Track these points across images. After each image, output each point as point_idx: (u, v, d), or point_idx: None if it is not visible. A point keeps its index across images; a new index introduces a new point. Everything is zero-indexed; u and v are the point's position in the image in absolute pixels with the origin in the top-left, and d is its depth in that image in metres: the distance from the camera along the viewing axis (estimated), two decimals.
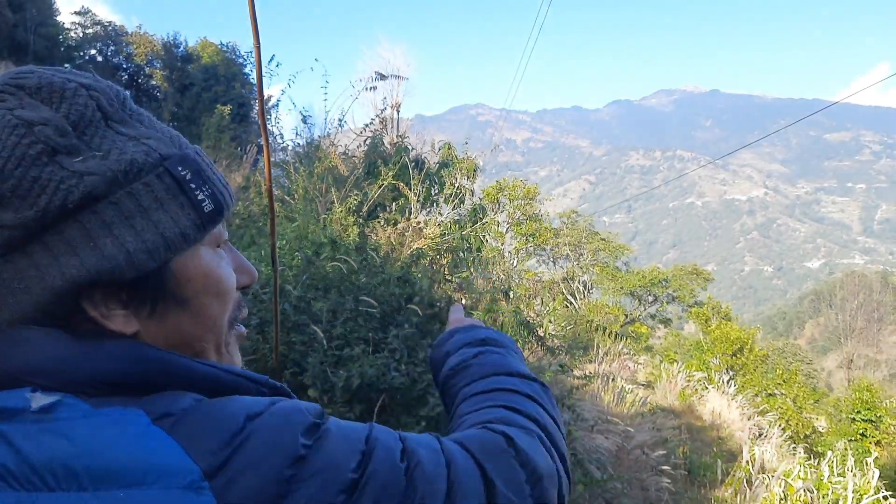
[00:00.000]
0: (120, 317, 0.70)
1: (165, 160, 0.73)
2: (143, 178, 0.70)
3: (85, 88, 0.71)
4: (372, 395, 3.55)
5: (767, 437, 15.13)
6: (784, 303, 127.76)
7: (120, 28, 38.74)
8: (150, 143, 0.73)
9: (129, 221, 0.69)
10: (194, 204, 0.74)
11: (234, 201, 0.81)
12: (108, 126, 0.71)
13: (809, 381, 29.44)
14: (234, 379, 0.73)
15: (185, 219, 0.73)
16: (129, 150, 0.70)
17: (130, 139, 0.71)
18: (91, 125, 0.69)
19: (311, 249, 4.61)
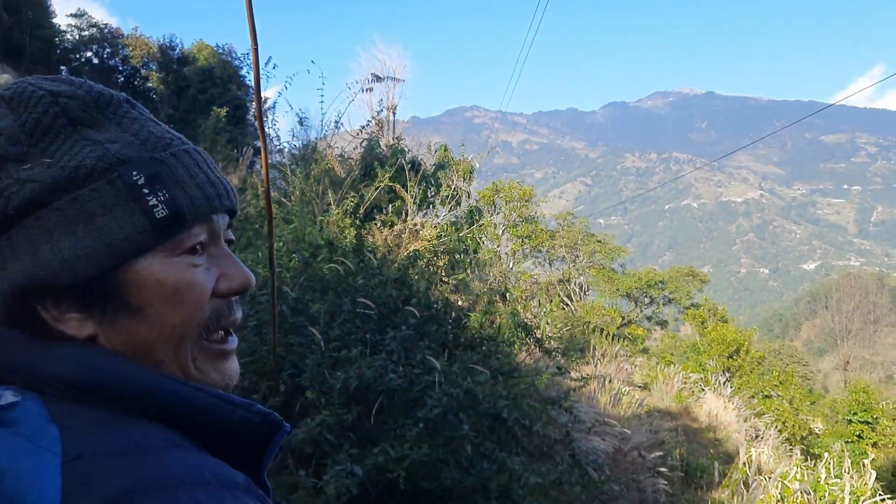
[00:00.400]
0: (73, 321, 0.70)
1: (123, 164, 0.71)
2: (91, 183, 0.70)
3: (53, 95, 0.72)
4: (369, 396, 3.55)
5: (764, 438, 15.15)
6: (780, 304, 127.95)
7: (116, 30, 38.64)
8: (111, 148, 0.72)
9: (71, 227, 0.69)
10: (145, 210, 0.71)
11: (222, 204, 0.79)
12: (76, 131, 0.71)
13: (806, 382, 29.49)
14: (210, 401, 0.70)
15: (132, 225, 0.71)
16: (81, 156, 0.70)
17: (93, 144, 0.71)
18: (50, 132, 0.70)
19: (309, 251, 4.61)
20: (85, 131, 0.72)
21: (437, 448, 3.48)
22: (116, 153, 0.72)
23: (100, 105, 0.74)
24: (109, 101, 0.76)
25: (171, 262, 0.74)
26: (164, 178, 0.73)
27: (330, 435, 3.27)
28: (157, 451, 0.63)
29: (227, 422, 0.71)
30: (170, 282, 0.73)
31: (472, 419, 3.69)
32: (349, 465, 3.15)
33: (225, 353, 0.80)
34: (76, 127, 0.71)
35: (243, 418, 0.72)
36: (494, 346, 4.91)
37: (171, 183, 0.73)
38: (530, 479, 3.80)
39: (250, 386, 3.50)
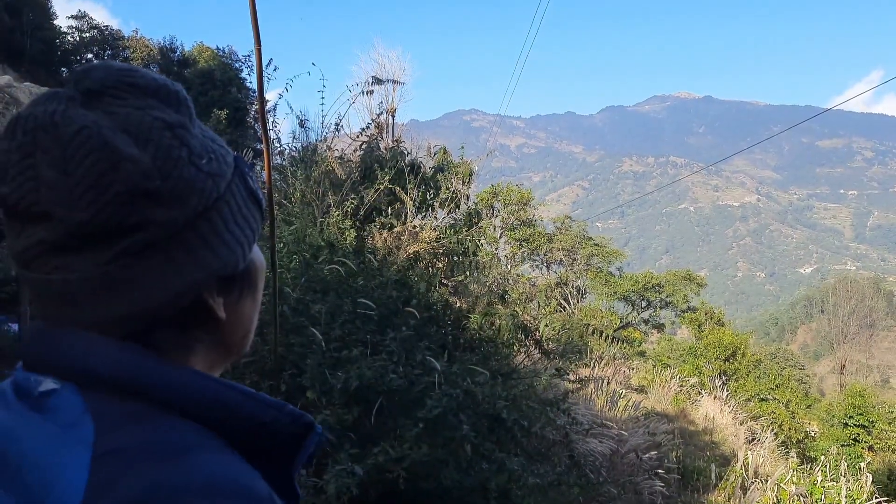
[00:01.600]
0: (220, 305, 0.75)
1: (235, 159, 0.77)
2: (234, 177, 0.75)
3: (184, 92, 0.74)
4: (370, 396, 3.57)
5: (760, 441, 15.17)
6: (776, 308, 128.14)
7: (116, 32, 38.68)
8: (223, 143, 0.76)
9: (236, 217, 0.74)
10: (256, 198, 0.78)
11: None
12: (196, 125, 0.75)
13: (802, 386, 29.51)
14: (241, 399, 0.71)
15: (256, 211, 0.78)
16: (223, 151, 0.75)
17: (213, 139, 0.75)
18: (196, 127, 0.73)
19: (310, 252, 4.64)
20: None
21: (436, 448, 3.50)
22: (228, 151, 0.77)
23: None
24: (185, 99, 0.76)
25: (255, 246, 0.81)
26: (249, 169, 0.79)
27: (330, 435, 3.29)
28: (183, 452, 0.64)
29: (257, 422, 0.71)
30: (261, 260, 0.82)
31: (471, 420, 3.71)
32: (349, 465, 3.17)
33: None
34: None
35: (274, 419, 0.72)
36: (494, 347, 4.93)
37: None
38: (529, 479, 3.82)
39: (252, 385, 3.51)
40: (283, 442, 0.74)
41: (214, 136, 0.76)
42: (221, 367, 0.83)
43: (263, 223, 0.79)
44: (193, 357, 0.76)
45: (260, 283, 0.83)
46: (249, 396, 0.72)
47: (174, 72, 33.81)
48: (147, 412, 0.66)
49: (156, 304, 0.68)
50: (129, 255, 0.66)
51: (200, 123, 0.76)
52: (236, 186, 0.75)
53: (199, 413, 0.68)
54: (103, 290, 0.66)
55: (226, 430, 0.70)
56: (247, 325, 0.82)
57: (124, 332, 0.69)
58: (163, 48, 36.30)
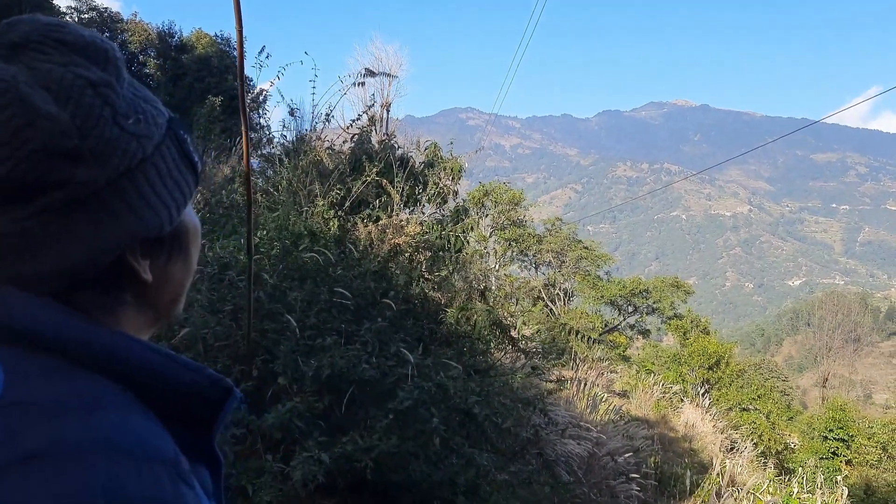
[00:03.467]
0: (146, 267, 0.75)
1: (171, 122, 0.76)
2: (166, 139, 0.74)
3: (114, 51, 0.73)
4: (342, 386, 3.56)
5: (739, 451, 15.27)
6: (763, 319, 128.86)
7: (115, 15, 38.47)
8: (158, 104, 0.76)
9: (164, 180, 0.73)
10: (191, 161, 0.78)
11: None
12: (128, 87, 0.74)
13: (784, 398, 29.70)
14: (161, 360, 0.71)
15: (190, 174, 0.78)
16: (156, 112, 0.74)
17: (145, 100, 0.74)
18: (125, 87, 0.72)
19: (290, 240, 4.62)
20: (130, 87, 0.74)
21: (406, 440, 3.50)
22: (162, 109, 0.77)
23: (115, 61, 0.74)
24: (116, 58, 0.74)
25: (189, 208, 0.81)
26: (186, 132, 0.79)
27: (300, 422, 3.28)
28: (91, 409, 0.63)
29: (176, 383, 0.72)
30: (194, 224, 0.82)
31: (442, 413, 3.71)
32: (317, 453, 3.17)
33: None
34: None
35: (193, 381, 0.73)
36: (469, 342, 4.94)
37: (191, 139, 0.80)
38: (498, 476, 3.83)
39: (223, 369, 3.50)
40: (203, 406, 0.74)
41: (148, 97, 0.75)
42: (150, 331, 0.82)
43: (198, 189, 0.79)
44: (119, 319, 0.75)
45: (192, 247, 0.82)
46: (170, 358, 0.72)
47: (171, 57, 33.64)
48: (62, 368, 0.65)
49: (76, 263, 0.68)
50: (49, 212, 0.65)
51: (134, 82, 0.75)
52: (167, 149, 0.74)
53: (118, 372, 0.68)
54: (23, 247, 0.66)
55: (145, 391, 0.69)
56: (176, 288, 0.82)
57: (47, 290, 0.68)
58: (161, 33, 36.09)
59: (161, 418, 0.70)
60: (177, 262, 0.80)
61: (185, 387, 0.72)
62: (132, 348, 0.70)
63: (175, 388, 0.72)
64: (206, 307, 3.69)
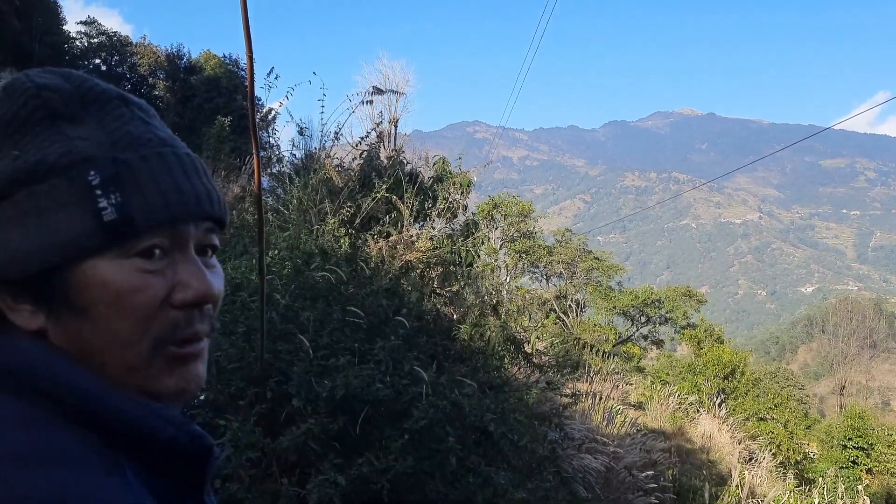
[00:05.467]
0: (26, 312, 0.70)
1: (85, 162, 0.69)
2: (50, 179, 0.68)
3: (38, 88, 0.71)
4: (356, 406, 3.53)
5: (758, 461, 15.09)
6: (777, 327, 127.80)
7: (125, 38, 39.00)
8: (79, 145, 0.70)
9: (24, 221, 0.68)
10: (94, 211, 0.69)
11: (190, 210, 0.74)
12: (53, 125, 0.70)
13: (801, 406, 29.38)
14: (141, 413, 0.68)
15: (81, 225, 0.68)
16: (46, 151, 0.69)
17: (63, 140, 0.70)
18: (26, 124, 0.70)
19: (302, 259, 4.61)
20: (62, 126, 0.70)
21: (422, 460, 3.46)
22: (82, 151, 0.70)
23: (85, 100, 0.73)
24: (98, 97, 0.74)
25: (119, 265, 0.70)
26: (121, 181, 0.70)
27: (315, 444, 3.25)
28: (55, 462, 0.61)
29: (156, 438, 0.69)
30: (114, 285, 0.70)
31: (458, 432, 3.67)
32: (333, 475, 3.13)
33: (185, 357, 0.74)
34: (54, 121, 0.70)
35: (172, 437, 0.70)
36: (483, 358, 4.90)
37: (128, 186, 0.70)
38: (516, 494, 3.78)
39: (237, 392, 3.48)
40: (189, 460, 0.72)
41: (81, 133, 0.71)
42: (116, 380, 0.72)
43: (98, 239, 0.69)
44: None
45: (98, 307, 0.70)
46: (150, 411, 0.70)
47: (181, 78, 34.02)
48: (36, 418, 0.65)
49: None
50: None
51: (119, 114, 0.74)
52: (49, 188, 0.68)
53: (98, 424, 0.66)
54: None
55: (125, 443, 0.67)
56: (89, 352, 0.71)
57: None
58: (170, 55, 36.55)
59: (148, 470, 0.68)
60: (69, 318, 0.71)
61: (164, 441, 0.70)
62: (114, 399, 0.68)
63: (154, 441, 0.69)
64: (218, 329, 3.67)
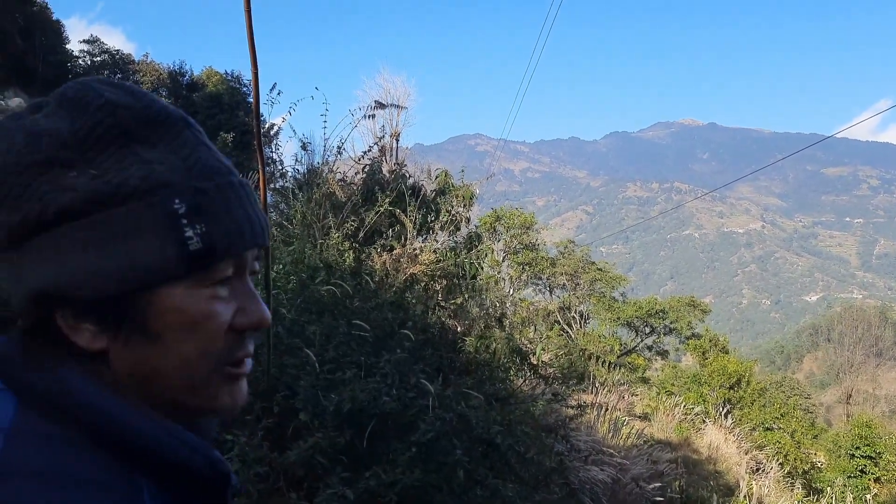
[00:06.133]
0: (87, 332, 0.70)
1: (166, 189, 0.70)
2: (130, 202, 0.69)
3: (112, 106, 0.71)
4: (363, 419, 3.54)
5: (765, 471, 15.02)
6: (782, 336, 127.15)
7: (127, 56, 39.33)
8: (158, 169, 0.70)
9: (101, 243, 0.68)
10: (180, 240, 0.70)
11: (256, 239, 0.76)
12: (126, 145, 0.70)
13: (808, 415, 29.20)
14: (160, 434, 0.69)
15: (163, 253, 0.69)
16: (127, 174, 0.69)
17: (141, 162, 0.70)
18: (102, 142, 0.69)
19: (307, 273, 4.63)
20: (136, 147, 0.71)
21: (429, 473, 3.46)
22: (161, 176, 0.70)
23: (155, 122, 0.73)
24: (165, 118, 0.74)
25: (194, 293, 0.72)
26: (204, 210, 0.71)
27: (322, 458, 3.25)
28: (74, 485, 0.63)
29: (172, 459, 0.70)
30: (190, 312, 0.72)
31: (465, 445, 3.67)
32: (341, 489, 3.14)
33: (238, 376, 0.78)
34: (129, 142, 0.70)
35: (189, 459, 0.71)
36: (489, 371, 4.90)
37: (209, 216, 0.72)
38: None
39: (244, 406, 3.49)
40: (204, 486, 0.73)
41: (149, 157, 0.71)
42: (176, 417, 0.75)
43: (181, 267, 0.70)
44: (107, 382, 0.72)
45: (167, 332, 0.72)
46: (168, 432, 0.70)
47: (183, 95, 34.22)
48: (62, 439, 0.65)
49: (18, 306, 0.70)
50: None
51: (185, 139, 0.75)
52: (129, 212, 0.69)
53: (120, 446, 0.67)
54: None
55: (147, 466, 0.68)
56: (152, 374, 0.73)
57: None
58: (172, 72, 36.84)
59: (165, 492, 0.70)
60: (139, 341, 0.72)
61: (181, 465, 0.70)
62: (137, 421, 0.69)
63: (173, 465, 0.70)
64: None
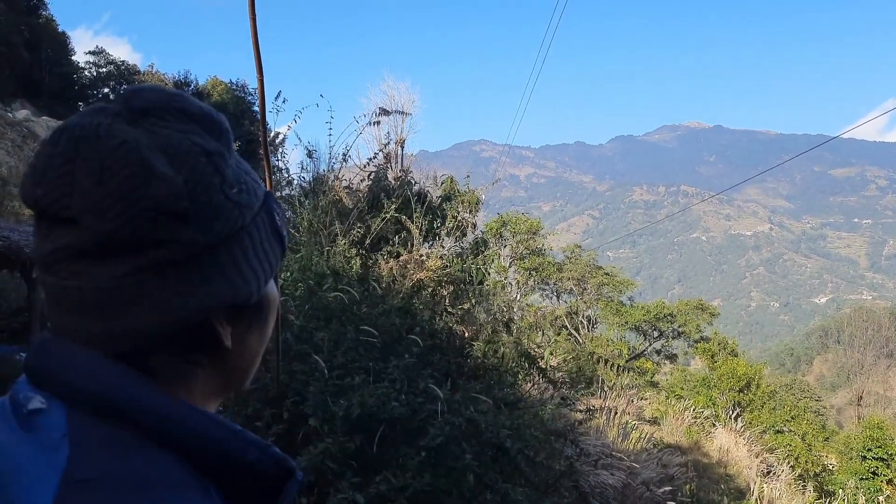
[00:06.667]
0: (227, 333, 0.75)
1: (266, 195, 0.79)
2: (260, 211, 0.77)
3: (226, 123, 0.77)
4: (372, 424, 3.55)
5: (776, 474, 14.94)
6: (791, 339, 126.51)
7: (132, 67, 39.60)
8: (256, 177, 0.78)
9: (256, 250, 0.75)
10: (280, 235, 0.80)
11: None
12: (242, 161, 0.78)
13: (819, 418, 29.02)
14: (225, 435, 0.72)
15: (278, 247, 0.79)
16: (255, 184, 0.77)
17: (246, 172, 0.77)
18: (232, 158, 0.75)
19: (314, 280, 4.65)
20: (239, 160, 0.78)
21: (439, 478, 3.46)
22: (262, 186, 0.79)
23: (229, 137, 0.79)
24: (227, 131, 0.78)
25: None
26: (277, 206, 0.81)
27: (332, 463, 3.27)
28: (152, 487, 0.64)
29: (238, 460, 0.72)
30: (274, 295, 0.83)
31: (474, 449, 3.68)
32: (351, 494, 3.15)
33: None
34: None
35: (256, 459, 0.73)
36: (497, 375, 4.91)
37: (282, 210, 0.82)
38: None
39: (254, 413, 3.51)
40: (265, 484, 0.75)
41: (249, 170, 0.78)
42: (217, 402, 0.82)
43: (283, 261, 0.80)
44: (191, 386, 0.76)
45: (270, 318, 0.83)
46: (236, 434, 0.73)
47: None
48: (127, 442, 0.67)
49: (163, 323, 0.69)
50: (146, 270, 0.67)
51: (237, 156, 0.78)
52: (262, 220, 0.77)
53: (183, 447, 0.69)
54: (114, 302, 0.67)
55: (208, 466, 0.70)
56: (250, 359, 0.82)
57: (125, 349, 0.69)
58: (177, 82, 37.07)
59: (223, 493, 0.71)
60: (255, 331, 0.80)
61: (250, 465, 0.73)
62: (199, 422, 0.71)
63: (239, 465, 0.72)
64: None
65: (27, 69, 34.34)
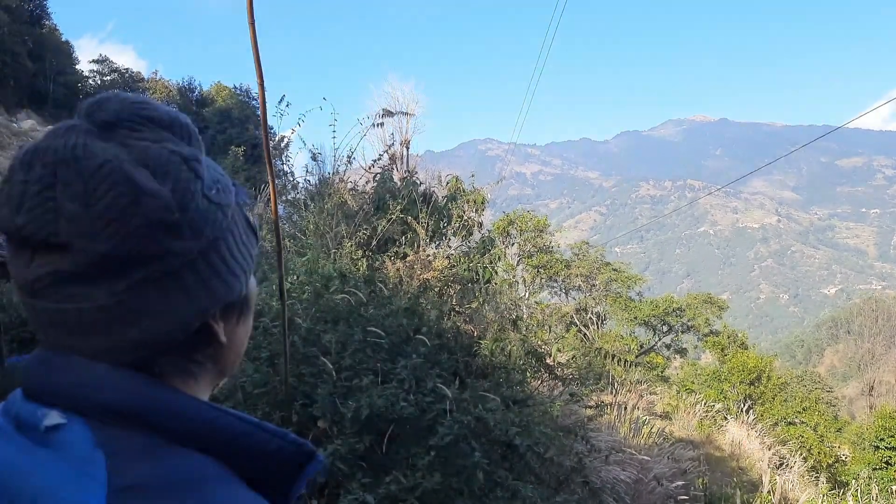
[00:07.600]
0: (222, 329, 0.78)
1: (242, 193, 0.81)
2: (236, 212, 0.78)
3: (193, 125, 0.78)
4: (381, 425, 3.56)
5: (789, 466, 14.86)
6: (801, 330, 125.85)
7: (137, 74, 39.81)
8: (224, 173, 0.79)
9: (238, 246, 0.77)
10: (252, 227, 0.82)
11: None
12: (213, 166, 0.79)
13: (831, 409, 28.84)
14: (247, 429, 0.74)
15: (253, 238, 0.82)
16: (226, 180, 0.77)
17: (215, 169, 0.77)
18: (204, 159, 0.76)
19: (321, 283, 4.67)
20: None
21: (449, 476, 3.48)
22: (231, 187, 0.80)
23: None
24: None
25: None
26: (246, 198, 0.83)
27: (342, 464, 3.28)
28: (197, 485, 0.66)
29: (263, 451, 0.74)
30: (254, 285, 0.85)
31: (483, 447, 3.68)
32: (361, 494, 3.16)
33: None
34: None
35: (279, 448, 0.75)
36: (505, 373, 4.91)
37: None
38: None
39: (263, 416, 3.52)
40: (286, 469, 0.77)
41: (216, 166, 0.78)
42: (211, 390, 0.84)
43: (258, 250, 0.82)
44: (198, 381, 0.78)
45: (252, 307, 0.86)
46: (255, 426, 0.75)
47: (193, 111, 34.55)
48: (157, 445, 0.68)
49: (167, 331, 0.71)
50: (146, 283, 0.68)
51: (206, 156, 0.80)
52: (238, 215, 0.78)
53: (208, 444, 0.70)
54: (117, 319, 0.68)
55: (233, 459, 0.72)
56: (240, 347, 0.85)
57: (131, 360, 0.71)
58: (182, 88, 37.24)
59: (247, 483, 0.73)
60: (242, 323, 0.83)
61: (272, 454, 0.75)
62: (218, 419, 0.72)
63: (263, 455, 0.74)
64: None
65: (31, 79, 34.52)
